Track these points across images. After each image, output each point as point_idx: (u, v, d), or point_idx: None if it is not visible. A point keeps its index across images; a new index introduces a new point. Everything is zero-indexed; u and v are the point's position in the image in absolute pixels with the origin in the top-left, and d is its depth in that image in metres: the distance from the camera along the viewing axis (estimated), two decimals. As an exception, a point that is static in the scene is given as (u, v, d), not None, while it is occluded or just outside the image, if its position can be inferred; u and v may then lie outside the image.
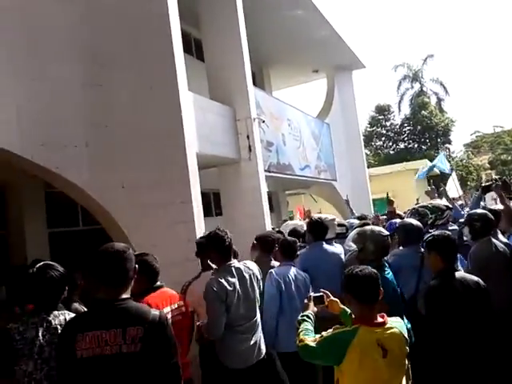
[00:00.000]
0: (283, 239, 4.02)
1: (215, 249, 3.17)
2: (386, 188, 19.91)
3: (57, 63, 4.53)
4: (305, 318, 2.40)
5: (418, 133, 34.08)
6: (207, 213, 9.79)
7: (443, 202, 5.44)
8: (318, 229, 4.14)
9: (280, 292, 3.52)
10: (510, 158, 31.09)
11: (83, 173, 4.57)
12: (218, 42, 7.77)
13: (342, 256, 4.05)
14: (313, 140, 12.54)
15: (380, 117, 35.96)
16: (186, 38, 8.66)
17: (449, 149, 34.48)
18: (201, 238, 4.03)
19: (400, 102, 35.87)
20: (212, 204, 10.43)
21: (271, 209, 11.12)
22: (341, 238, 5.14)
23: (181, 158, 5.04)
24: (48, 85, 4.43)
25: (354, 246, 3.47)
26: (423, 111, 33.11)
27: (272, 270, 3.67)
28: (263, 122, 8.18)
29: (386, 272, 3.12)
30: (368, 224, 4.48)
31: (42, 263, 2.38)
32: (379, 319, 2.14)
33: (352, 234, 3.78)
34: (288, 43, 12.11)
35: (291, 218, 10.90)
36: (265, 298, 3.46)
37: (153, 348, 1.92)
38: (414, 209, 4.97)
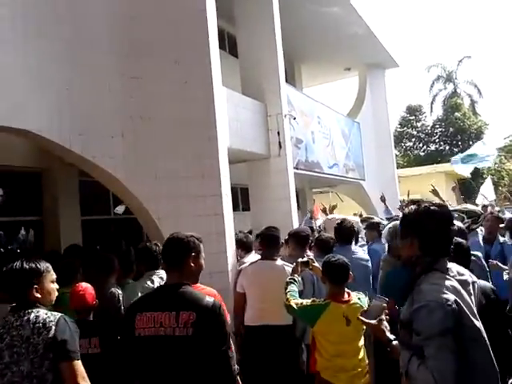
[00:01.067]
0: (318, 236, 4.10)
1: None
2: (415, 190, 19.64)
3: (97, 52, 4.64)
4: (292, 280, 3.01)
5: (449, 135, 33.30)
6: (234, 207, 9.90)
7: (477, 207, 5.35)
8: (344, 232, 4.13)
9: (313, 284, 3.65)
10: (545, 163, 30.01)
11: (118, 163, 4.68)
12: (251, 38, 7.80)
13: (369, 263, 4.05)
14: (342, 138, 12.44)
15: (411, 117, 35.29)
16: (220, 33, 8.72)
17: (481, 152, 33.56)
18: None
19: (432, 102, 35.11)
20: (239, 199, 10.50)
21: (298, 206, 11.11)
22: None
23: (213, 152, 5.11)
24: (88, 74, 4.53)
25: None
26: (456, 113, 32.32)
27: None
28: (294, 118, 8.19)
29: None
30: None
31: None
32: (346, 297, 2.80)
33: (385, 229, 3.78)
34: (321, 40, 12.04)
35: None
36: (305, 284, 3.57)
37: (204, 334, 1.95)
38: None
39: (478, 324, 1.62)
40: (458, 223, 4.07)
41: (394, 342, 1.76)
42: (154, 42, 4.97)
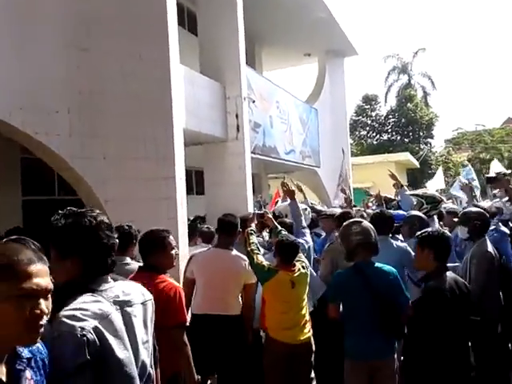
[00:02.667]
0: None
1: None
2: (367, 178, 20.08)
3: (41, 22, 4.26)
4: (252, 232, 3.55)
5: (401, 125, 34.25)
6: (188, 191, 9.66)
7: (436, 193, 5.44)
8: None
9: None
10: (488, 156, 31.59)
11: (64, 140, 4.35)
12: (212, 16, 7.49)
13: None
14: (300, 124, 12.40)
15: (366, 106, 35.93)
16: (179, 9, 8.33)
17: (430, 143, 34.84)
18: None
19: (387, 93, 35.92)
20: (193, 182, 10.26)
21: (253, 190, 11.01)
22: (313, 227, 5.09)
23: (167, 133, 4.87)
24: (30, 44, 4.15)
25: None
26: (409, 104, 33.25)
27: None
28: (253, 102, 8.00)
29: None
30: (349, 213, 4.41)
31: None
32: (293, 268, 3.26)
33: None
34: (283, 23, 11.83)
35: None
36: None
37: None
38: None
39: (123, 355, 1.37)
40: (416, 212, 4.09)
41: None
42: (107, 13, 4.62)
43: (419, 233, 2.77)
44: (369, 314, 2.79)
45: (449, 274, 2.59)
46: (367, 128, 36.05)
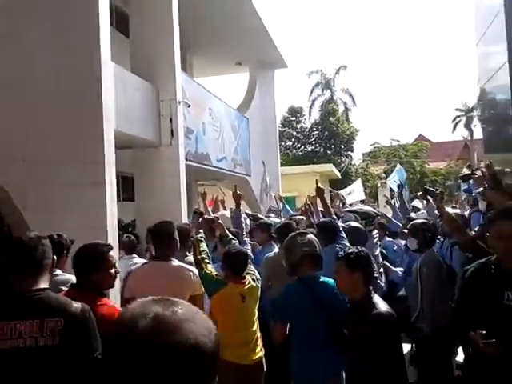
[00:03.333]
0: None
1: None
2: (293, 188, 20.49)
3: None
4: (201, 239, 3.32)
5: (324, 138, 35.60)
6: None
7: (371, 208, 5.54)
8: (328, 230, 3.82)
9: None
10: (403, 170, 33.88)
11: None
12: (146, 17, 7.14)
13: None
14: (232, 132, 12.29)
15: (292, 118, 36.92)
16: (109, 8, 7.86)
17: (351, 156, 36.56)
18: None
19: (311, 106, 37.21)
20: (120, 188, 9.68)
21: (184, 199, 10.66)
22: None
23: (97, 133, 4.46)
24: None
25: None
26: (331, 118, 34.69)
27: None
28: (189, 106, 7.73)
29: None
30: (290, 225, 4.30)
31: None
32: (243, 280, 3.07)
33: None
34: (216, 30, 11.70)
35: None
36: None
37: (73, 341, 1.84)
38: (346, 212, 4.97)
39: None
40: (355, 224, 4.09)
41: None
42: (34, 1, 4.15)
43: (343, 253, 2.51)
44: (318, 330, 2.64)
45: (377, 299, 2.38)
46: (292, 139, 37.02)
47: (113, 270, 2.35)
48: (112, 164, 4.69)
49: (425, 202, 5.94)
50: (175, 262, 3.26)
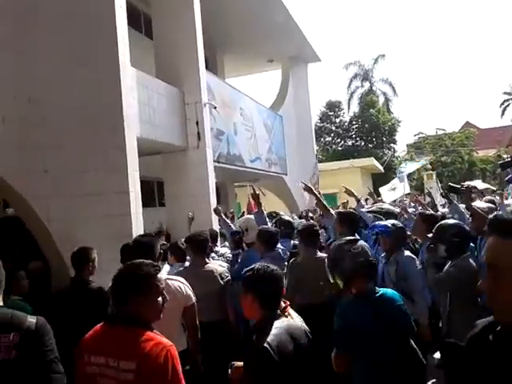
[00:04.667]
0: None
1: None
2: (334, 184, 20.06)
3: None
4: None
5: (365, 131, 34.72)
6: (150, 203, 9.15)
7: (392, 207, 5.24)
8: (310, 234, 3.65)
9: None
10: (449, 160, 32.41)
11: (-1, 153, 3.84)
12: (169, 19, 7.09)
13: None
14: (265, 131, 12.12)
15: (330, 113, 36.27)
16: (134, 11, 7.90)
17: (394, 148, 35.45)
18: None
19: (350, 99, 36.39)
20: (156, 194, 9.75)
21: (219, 201, 10.61)
22: (284, 237, 4.54)
23: (118, 142, 4.40)
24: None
25: None
26: (371, 110, 33.77)
27: None
28: (215, 108, 7.62)
29: None
30: (314, 225, 4.04)
31: None
32: None
33: None
34: (245, 29, 11.57)
35: (241, 212, 10.43)
36: None
37: (29, 355, 1.82)
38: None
39: None
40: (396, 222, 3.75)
41: None
42: (46, 12, 4.14)
43: (246, 271, 2.10)
44: (389, 355, 2.20)
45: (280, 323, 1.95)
46: (332, 134, 36.38)
47: (160, 299, 1.84)
48: (135, 172, 4.63)
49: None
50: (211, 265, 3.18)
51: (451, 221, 3.25)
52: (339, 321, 2.28)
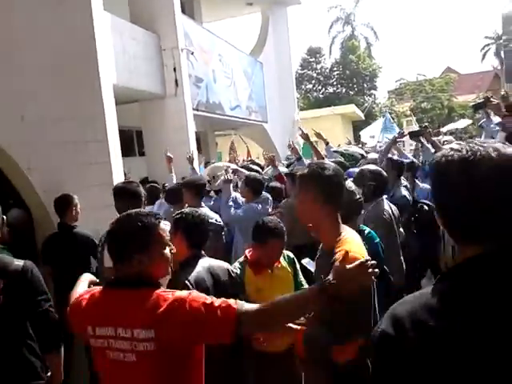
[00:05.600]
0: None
1: None
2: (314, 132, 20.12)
3: None
4: None
5: (346, 77, 34.37)
6: (130, 152, 9.10)
7: (358, 149, 5.43)
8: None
9: None
10: (429, 106, 32.54)
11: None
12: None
13: None
14: (245, 78, 11.94)
15: (311, 59, 35.62)
16: None
17: (374, 95, 35.32)
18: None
19: (331, 45, 35.73)
20: (135, 143, 9.69)
21: (199, 150, 10.60)
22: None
23: (94, 90, 4.34)
24: None
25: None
26: (352, 56, 33.26)
27: None
28: (192, 53, 7.46)
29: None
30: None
31: None
32: None
33: None
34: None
35: (220, 160, 10.46)
36: None
37: (17, 299, 1.90)
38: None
39: None
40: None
41: None
42: None
43: (175, 214, 2.33)
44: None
45: (203, 262, 2.17)
46: (313, 81, 35.90)
47: (167, 250, 1.58)
48: (113, 120, 4.61)
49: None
50: None
51: (371, 166, 3.42)
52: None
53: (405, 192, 4.02)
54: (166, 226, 1.60)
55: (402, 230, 3.40)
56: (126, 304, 1.46)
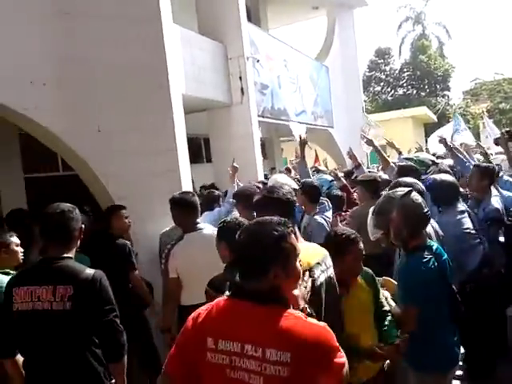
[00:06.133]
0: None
1: None
2: (384, 135, 19.47)
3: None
4: None
5: (417, 78, 33.06)
6: (197, 159, 9.37)
7: (429, 156, 5.18)
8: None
9: None
10: (508, 106, 30.37)
11: (55, 114, 4.05)
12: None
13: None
14: (310, 83, 11.85)
15: (380, 61, 34.66)
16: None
17: (448, 96, 33.60)
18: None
19: (401, 45, 34.51)
20: (203, 150, 9.96)
21: (264, 156, 10.68)
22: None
23: (164, 100, 4.51)
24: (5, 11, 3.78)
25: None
26: (422, 55, 31.91)
27: None
28: (258, 61, 7.53)
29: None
30: (376, 177, 4.05)
31: None
32: None
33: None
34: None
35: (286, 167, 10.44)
36: None
37: (84, 306, 1.97)
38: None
39: None
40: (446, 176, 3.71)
41: None
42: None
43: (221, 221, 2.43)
44: (444, 308, 2.27)
45: None
46: (381, 83, 34.92)
47: (298, 263, 1.43)
48: (181, 129, 4.76)
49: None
50: (205, 231, 3.11)
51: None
52: (416, 275, 2.17)
53: (497, 205, 3.63)
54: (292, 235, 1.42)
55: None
56: (255, 319, 1.28)
